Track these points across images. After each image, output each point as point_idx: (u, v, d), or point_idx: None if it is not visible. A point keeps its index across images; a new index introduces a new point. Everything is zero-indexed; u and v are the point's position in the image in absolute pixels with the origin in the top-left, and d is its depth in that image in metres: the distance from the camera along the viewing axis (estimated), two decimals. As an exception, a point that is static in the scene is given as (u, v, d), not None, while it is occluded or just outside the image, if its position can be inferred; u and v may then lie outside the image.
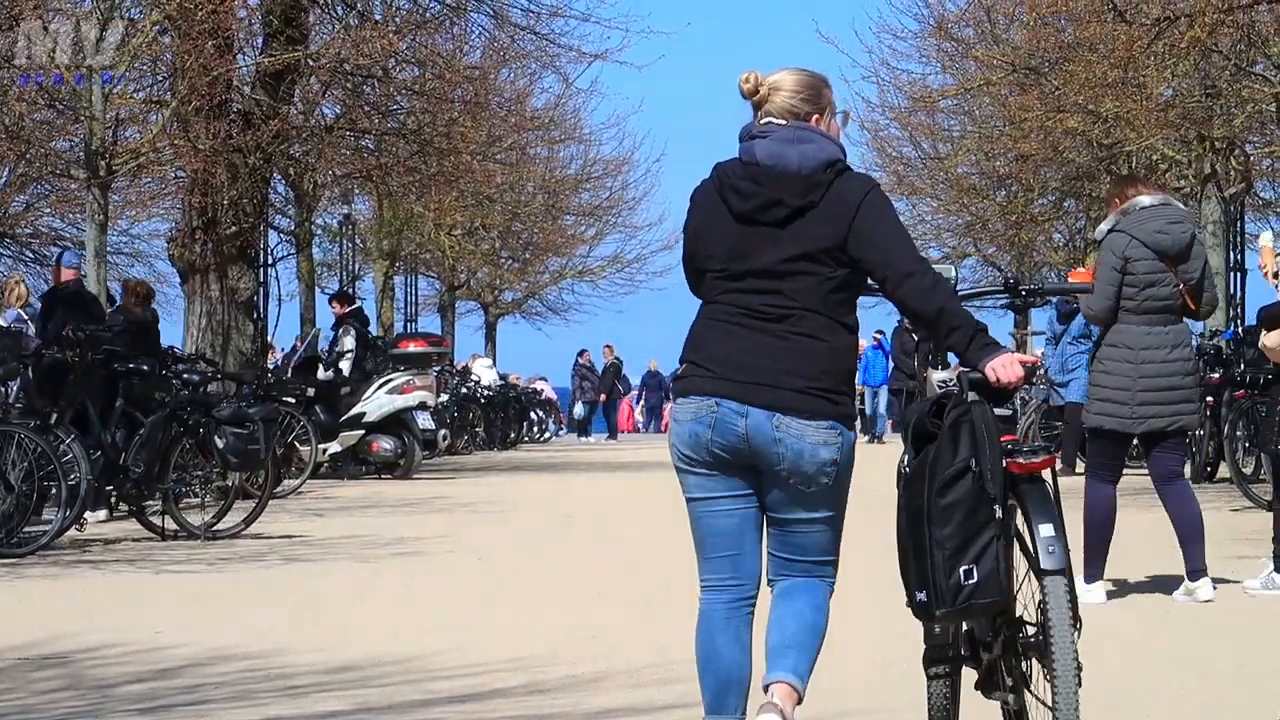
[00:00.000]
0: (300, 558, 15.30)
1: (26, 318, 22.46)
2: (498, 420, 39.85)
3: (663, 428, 43.68)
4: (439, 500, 21.99)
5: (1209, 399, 21.80)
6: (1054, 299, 21.12)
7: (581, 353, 55.87)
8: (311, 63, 29.16)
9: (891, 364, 39.88)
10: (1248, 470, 18.62)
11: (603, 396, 53.83)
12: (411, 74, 31.86)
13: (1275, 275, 13.36)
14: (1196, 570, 12.51)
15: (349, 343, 27.95)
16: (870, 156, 47.79)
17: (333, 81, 30.72)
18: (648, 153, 58.38)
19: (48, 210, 33.45)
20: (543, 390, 49.19)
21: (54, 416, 16.59)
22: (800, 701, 6.49)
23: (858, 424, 7.39)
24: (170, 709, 8.51)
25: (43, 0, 22.08)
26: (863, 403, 39.82)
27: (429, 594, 13.10)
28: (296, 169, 32.23)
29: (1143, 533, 13.89)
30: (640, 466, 27.46)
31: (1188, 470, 22.49)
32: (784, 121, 6.82)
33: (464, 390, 37.96)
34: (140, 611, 11.85)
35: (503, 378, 44.04)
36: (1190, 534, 12.65)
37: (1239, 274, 30.89)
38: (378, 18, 30.21)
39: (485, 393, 39.79)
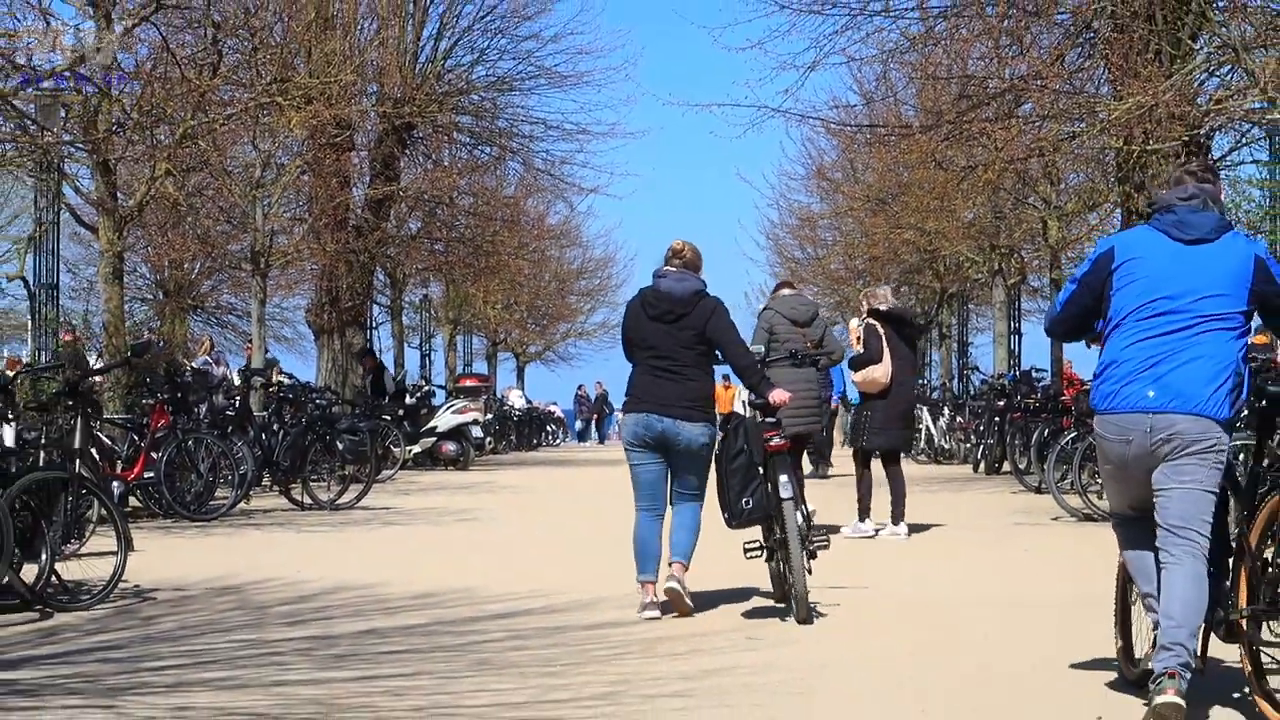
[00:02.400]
0: (393, 522, 15.26)
1: (211, 361, 22.41)
2: (524, 431, 39.79)
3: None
4: (486, 484, 21.92)
5: (996, 418, 21.96)
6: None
7: (580, 386, 56.19)
8: (401, 193, 29.12)
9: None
10: (1022, 465, 18.61)
11: (594, 416, 53.97)
12: (468, 201, 31.82)
13: (858, 340, 13.88)
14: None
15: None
16: (772, 257, 47.91)
17: (416, 206, 30.69)
18: (625, 254, 59.21)
19: (225, 290, 33.30)
20: (554, 411, 49.07)
21: (229, 427, 16.60)
22: (686, 569, 8.73)
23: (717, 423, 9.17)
24: (307, 622, 8.54)
25: (224, 149, 21.93)
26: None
27: (479, 545, 13.05)
28: (391, 264, 32.13)
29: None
30: (619, 462, 27.50)
31: (981, 467, 22.86)
32: (677, 269, 9.00)
33: (502, 411, 37.86)
34: (287, 557, 11.84)
35: (528, 402, 43.93)
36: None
37: (1017, 336, 30.86)
38: (445, 163, 30.17)
39: (516, 413, 39.69)
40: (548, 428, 45.83)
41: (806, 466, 17.27)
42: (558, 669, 7.04)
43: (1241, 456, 9.32)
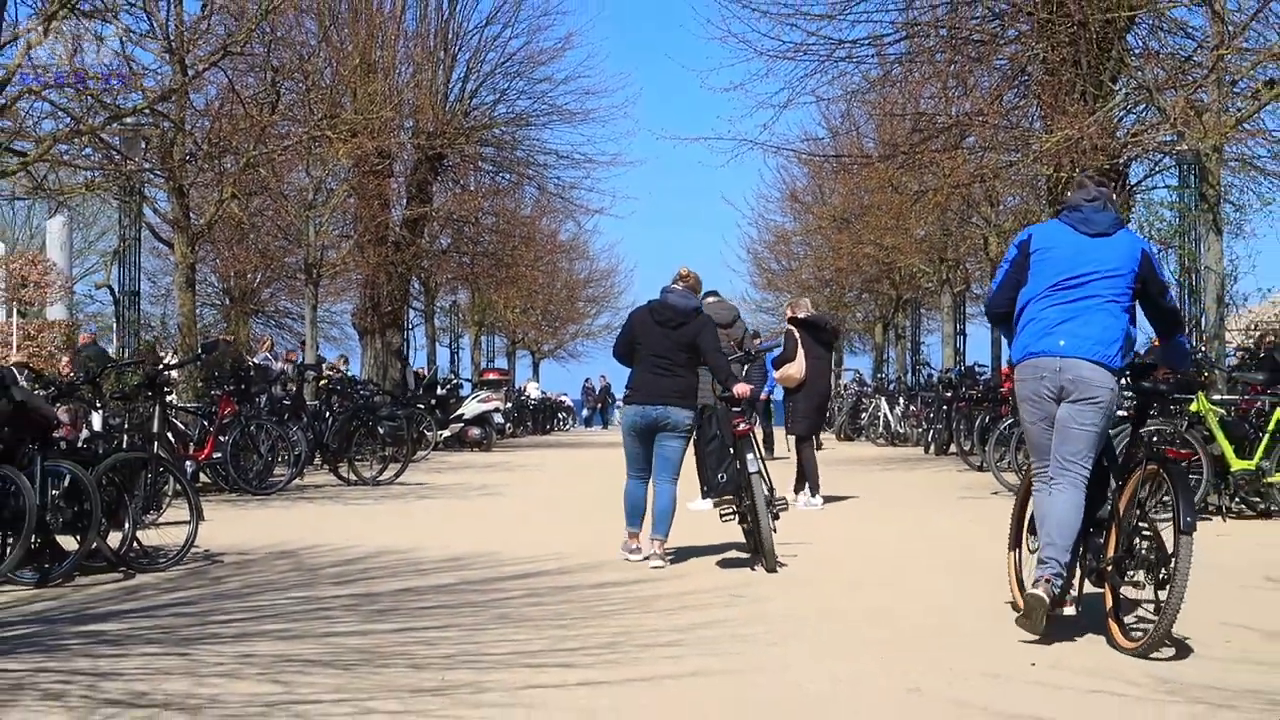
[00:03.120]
0: (426, 496, 15.24)
1: (272, 358, 22.44)
2: (539, 417, 39.72)
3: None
4: (506, 463, 21.89)
5: (944, 406, 22.00)
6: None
7: (586, 380, 56.04)
8: (433, 214, 29.12)
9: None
10: (966, 447, 18.63)
11: (599, 404, 53.91)
12: (491, 221, 31.83)
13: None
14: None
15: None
16: (751, 269, 47.92)
17: (446, 225, 30.68)
18: (626, 266, 60.08)
19: (282, 296, 33.39)
20: (565, 400, 48.98)
21: (286, 414, 16.63)
22: (664, 543, 9.31)
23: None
24: (353, 582, 8.54)
25: (281, 175, 21.94)
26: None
27: (500, 516, 13.04)
28: (425, 274, 32.10)
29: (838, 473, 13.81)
30: (620, 444, 27.45)
31: (932, 449, 22.93)
32: (682, 288, 9.66)
33: (520, 400, 37.81)
34: (335, 526, 11.83)
35: (543, 393, 43.91)
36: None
37: (962, 336, 30.90)
38: (471, 188, 30.19)
39: (532, 402, 39.64)
40: (559, 415, 45.78)
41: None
42: (568, 622, 7.06)
43: (1120, 441, 9.59)
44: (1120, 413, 8.91)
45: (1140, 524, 6.41)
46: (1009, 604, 7.22)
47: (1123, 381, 6.91)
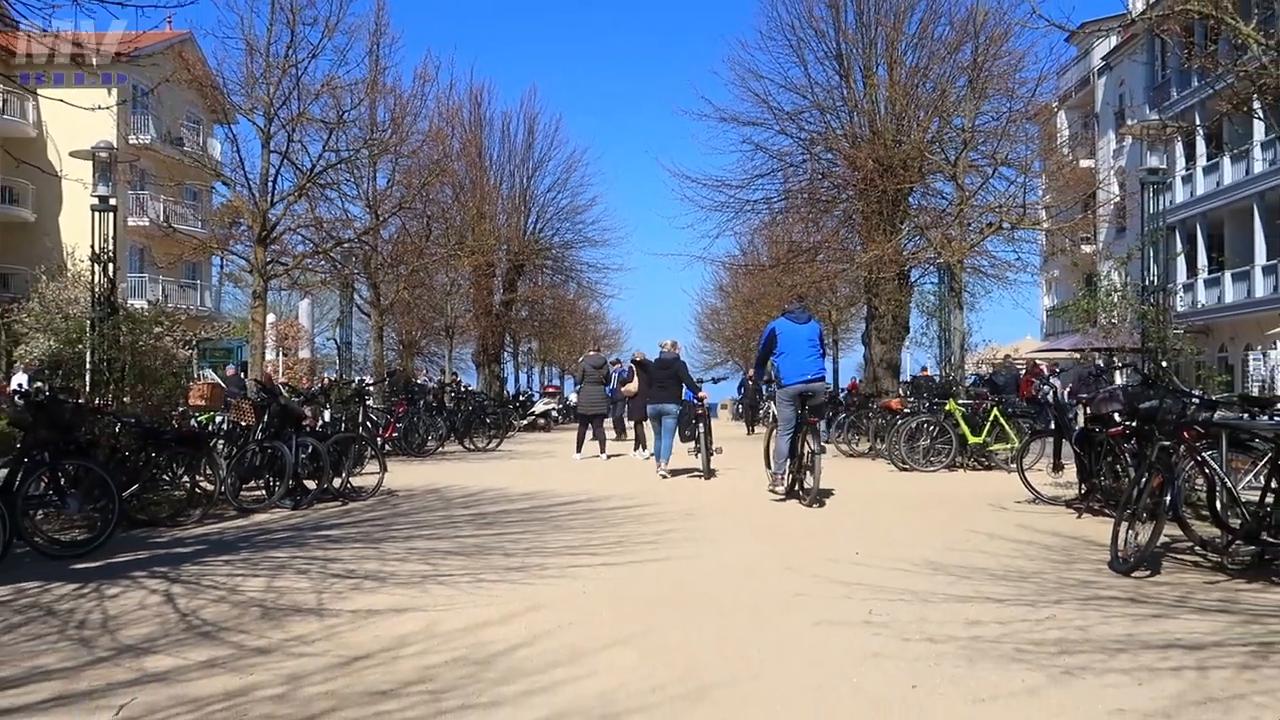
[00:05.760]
0: (512, 457, 15.09)
1: (428, 379, 22.22)
2: (577, 413, 39.19)
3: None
4: (560, 439, 21.61)
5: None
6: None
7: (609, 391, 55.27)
8: (518, 298, 29.06)
9: (740, 392, 37.60)
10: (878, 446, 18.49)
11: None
12: (550, 301, 31.68)
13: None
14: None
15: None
16: (697, 328, 47.83)
17: (525, 304, 30.58)
18: (626, 327, 59.52)
19: (432, 345, 32.51)
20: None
21: (435, 410, 16.50)
22: (666, 464, 10.44)
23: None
24: (471, 506, 8.45)
25: (431, 275, 21.90)
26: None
27: (553, 469, 12.85)
28: (513, 331, 32.05)
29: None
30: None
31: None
32: (667, 349, 10.86)
33: (567, 403, 37.31)
34: (461, 475, 11.71)
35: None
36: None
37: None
38: (539, 283, 30.13)
39: (573, 404, 39.25)
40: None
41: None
42: (593, 530, 6.99)
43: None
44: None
45: (805, 452, 8.28)
46: (770, 491, 8.61)
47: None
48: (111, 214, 8.84)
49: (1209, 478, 5.53)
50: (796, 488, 8.44)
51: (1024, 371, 17.84)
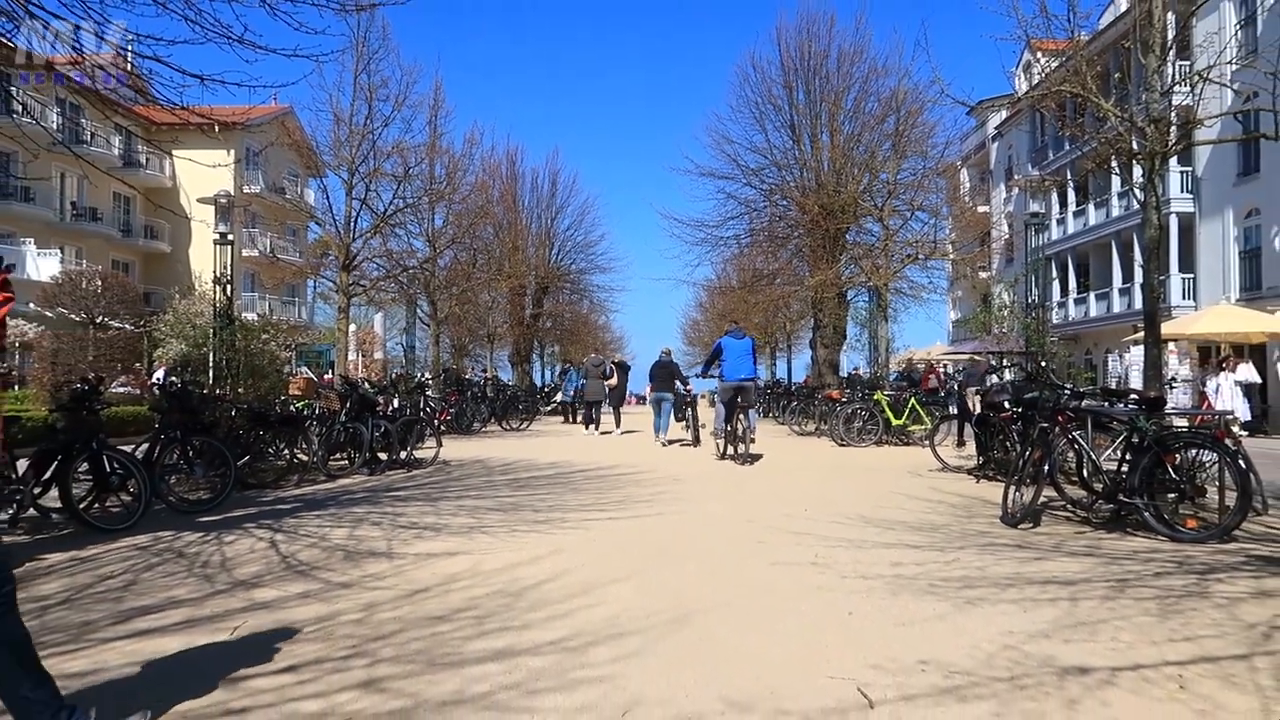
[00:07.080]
0: (538, 435, 14.87)
1: (477, 374, 21.98)
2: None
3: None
4: (577, 423, 21.67)
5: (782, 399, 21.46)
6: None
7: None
8: (544, 312, 28.98)
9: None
10: (800, 422, 18.39)
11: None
12: (569, 315, 31.62)
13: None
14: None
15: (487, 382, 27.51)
16: (681, 336, 47.49)
17: (549, 317, 30.48)
18: (627, 335, 59.13)
19: (477, 348, 32.11)
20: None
21: (480, 399, 16.36)
22: (664, 436, 10.30)
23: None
24: (508, 474, 8.32)
25: (477, 294, 21.73)
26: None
27: (572, 444, 12.63)
28: (540, 338, 31.93)
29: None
30: (643, 412, 27.40)
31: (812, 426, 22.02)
32: (665, 355, 10.84)
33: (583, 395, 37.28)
34: (499, 449, 11.56)
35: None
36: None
37: (785, 365, 30.72)
38: (560, 301, 30.06)
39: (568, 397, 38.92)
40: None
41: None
42: (602, 491, 6.93)
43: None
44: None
45: (741, 429, 8.73)
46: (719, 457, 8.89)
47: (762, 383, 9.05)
48: (229, 246, 8.89)
49: (1078, 452, 5.57)
50: (732, 452, 9.06)
51: (924, 370, 17.87)
